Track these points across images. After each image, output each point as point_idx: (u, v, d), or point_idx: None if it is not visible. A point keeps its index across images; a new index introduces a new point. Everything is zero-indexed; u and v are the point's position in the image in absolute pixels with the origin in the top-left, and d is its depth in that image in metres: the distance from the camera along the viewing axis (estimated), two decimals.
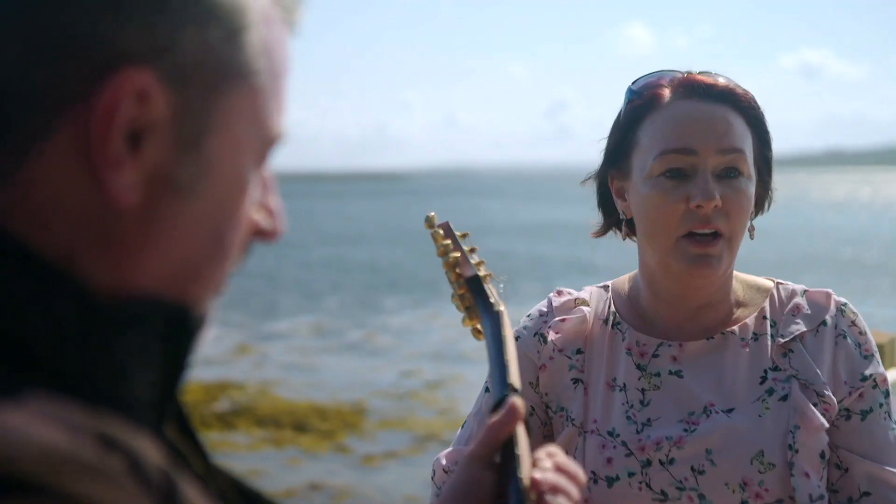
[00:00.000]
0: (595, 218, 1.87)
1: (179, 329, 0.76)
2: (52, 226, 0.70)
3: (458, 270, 1.35)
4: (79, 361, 0.69)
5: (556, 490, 1.04)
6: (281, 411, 9.53)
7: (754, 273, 1.85)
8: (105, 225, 0.71)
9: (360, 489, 7.56)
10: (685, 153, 1.67)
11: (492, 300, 1.30)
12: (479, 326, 1.31)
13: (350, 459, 8.33)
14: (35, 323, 0.68)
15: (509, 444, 1.03)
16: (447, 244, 1.38)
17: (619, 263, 1.74)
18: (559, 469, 1.06)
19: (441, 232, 1.40)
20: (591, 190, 1.86)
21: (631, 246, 1.85)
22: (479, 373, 11.48)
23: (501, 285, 1.35)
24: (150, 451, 0.67)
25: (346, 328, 15.40)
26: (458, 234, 1.42)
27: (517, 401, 1.05)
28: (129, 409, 0.70)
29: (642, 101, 1.73)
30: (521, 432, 1.05)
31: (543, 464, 1.05)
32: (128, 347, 0.72)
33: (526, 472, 1.01)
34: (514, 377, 1.12)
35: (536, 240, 33.25)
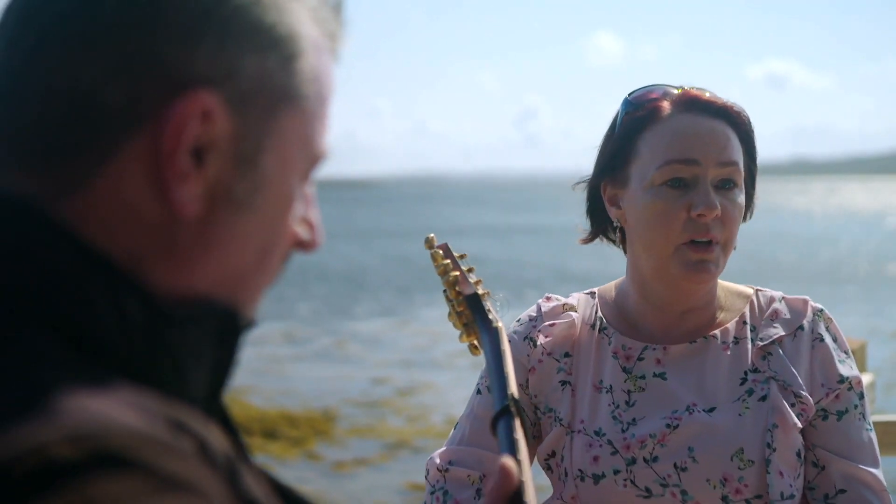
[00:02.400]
0: (565, 224, 1.93)
1: (230, 330, 0.82)
2: (119, 232, 0.76)
3: (457, 289, 1.43)
4: (144, 356, 0.75)
5: None
6: (251, 418, 9.50)
7: (725, 280, 1.91)
8: (169, 233, 0.77)
9: (330, 496, 7.55)
10: (689, 164, 1.75)
11: (490, 317, 1.37)
12: (475, 342, 1.39)
13: (321, 467, 8.32)
14: (106, 320, 0.73)
15: (518, 495, 1.05)
16: (447, 264, 1.45)
17: (596, 270, 1.79)
18: None
19: (440, 252, 1.48)
20: (563, 198, 1.91)
21: (606, 252, 1.92)
22: (449, 380, 11.50)
23: (498, 303, 1.43)
24: (215, 436, 0.73)
25: (317, 335, 15.37)
26: (456, 254, 1.49)
27: (508, 463, 1.04)
28: (185, 402, 0.76)
29: (642, 113, 1.81)
30: (527, 482, 1.05)
31: None
32: (185, 345, 0.78)
33: None
34: (513, 387, 1.21)
35: (508, 245, 33.37)
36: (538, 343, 1.88)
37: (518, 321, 1.95)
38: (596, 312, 1.91)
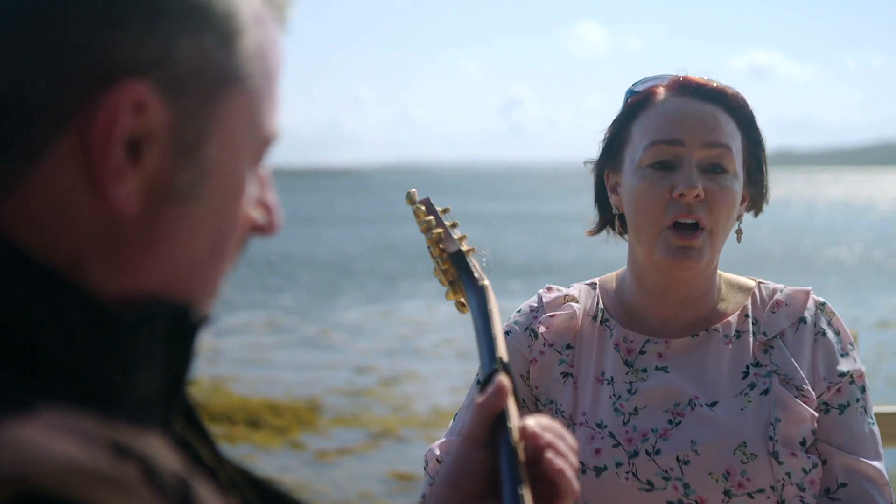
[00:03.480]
0: (550, 213, 1.92)
1: (183, 329, 0.78)
2: (56, 234, 0.71)
3: (441, 246, 1.36)
4: (87, 366, 0.70)
5: (547, 430, 1.07)
6: (234, 407, 9.49)
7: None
8: (108, 232, 0.72)
9: (314, 485, 7.55)
10: (672, 143, 1.74)
11: (476, 274, 1.30)
12: (462, 300, 1.33)
13: (304, 456, 8.31)
14: (43, 330, 0.69)
15: (501, 419, 1.05)
16: (429, 220, 1.38)
17: (583, 261, 1.78)
18: (552, 446, 1.08)
19: (423, 208, 1.41)
20: (547, 187, 1.90)
21: (591, 242, 1.90)
22: (433, 369, 11.51)
23: (484, 259, 1.36)
24: (163, 455, 0.69)
25: (301, 324, 15.35)
26: (439, 209, 1.42)
27: (503, 378, 1.07)
28: (138, 410, 0.72)
29: (638, 98, 1.81)
30: (511, 407, 1.06)
31: (528, 423, 1.07)
32: (134, 349, 0.73)
33: (516, 435, 1.03)
34: (502, 350, 1.14)
35: (492, 234, 33.36)
36: (539, 334, 1.86)
37: (519, 311, 1.92)
38: (597, 304, 1.89)
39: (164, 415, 0.77)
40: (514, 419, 1.05)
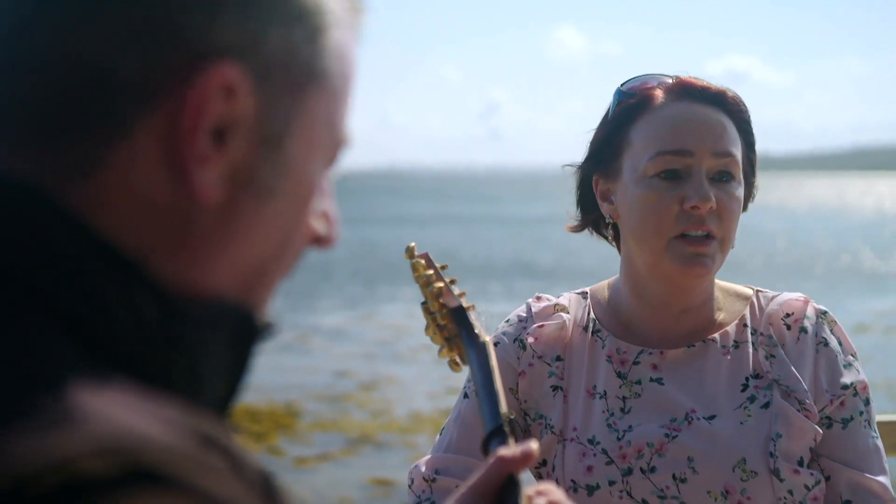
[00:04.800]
0: (530, 217, 1.89)
1: (245, 334, 0.75)
2: (133, 220, 0.69)
3: (441, 301, 1.35)
4: (160, 358, 0.68)
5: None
6: None
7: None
8: (185, 221, 0.70)
9: (293, 491, 7.51)
10: (681, 154, 1.68)
11: (476, 331, 1.30)
12: (457, 358, 1.33)
13: (283, 462, 8.26)
14: (119, 318, 0.67)
15: (512, 480, 1.05)
16: (429, 274, 1.37)
17: (562, 263, 1.75)
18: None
19: (422, 262, 1.39)
20: (527, 191, 1.87)
21: (570, 245, 1.87)
22: (413, 374, 11.48)
23: (483, 317, 1.36)
24: (244, 451, 0.66)
25: (279, 328, 15.27)
26: (437, 265, 1.41)
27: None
28: (203, 410, 0.69)
29: (634, 101, 1.74)
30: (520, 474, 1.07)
31: (537, 501, 1.07)
32: (202, 348, 0.71)
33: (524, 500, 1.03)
34: (505, 406, 1.15)
35: (473, 238, 33.36)
36: (528, 345, 1.79)
37: (507, 322, 1.85)
38: (588, 313, 1.82)
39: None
40: (522, 485, 1.05)
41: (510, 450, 1.06)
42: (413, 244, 1.41)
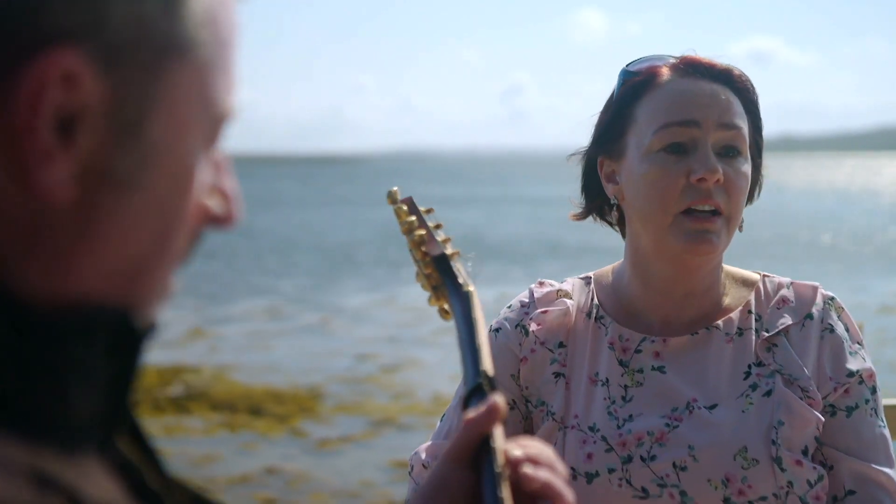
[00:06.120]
0: (556, 197, 1.86)
1: (125, 338, 0.69)
2: None
3: (423, 248, 1.26)
4: (13, 383, 0.62)
5: (533, 462, 0.99)
6: (236, 395, 9.47)
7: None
8: (36, 225, 0.64)
9: (315, 474, 7.53)
10: (687, 125, 1.65)
11: (460, 280, 1.21)
12: (446, 307, 1.23)
13: (306, 444, 8.29)
14: None
15: (486, 441, 0.98)
16: (412, 221, 1.29)
17: (591, 245, 1.71)
18: (531, 459, 1.00)
19: (405, 208, 1.31)
20: (550, 174, 1.83)
21: (596, 226, 1.83)
22: (435, 357, 11.48)
23: (469, 263, 1.27)
24: (95, 484, 0.62)
25: (302, 311, 15.32)
26: (422, 209, 1.33)
27: (499, 399, 0.99)
28: (72, 432, 0.65)
29: (639, 79, 1.71)
30: (498, 429, 0.99)
31: (514, 452, 0.99)
32: (68, 363, 0.65)
33: (501, 460, 0.96)
34: (487, 363, 1.06)
35: (499, 221, 33.32)
36: (530, 331, 1.77)
37: (509, 307, 1.83)
38: (592, 299, 1.80)
39: (105, 436, 0.68)
40: (500, 441, 0.98)
41: (476, 410, 0.98)
42: (396, 188, 1.34)
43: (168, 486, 0.76)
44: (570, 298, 1.80)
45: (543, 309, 1.78)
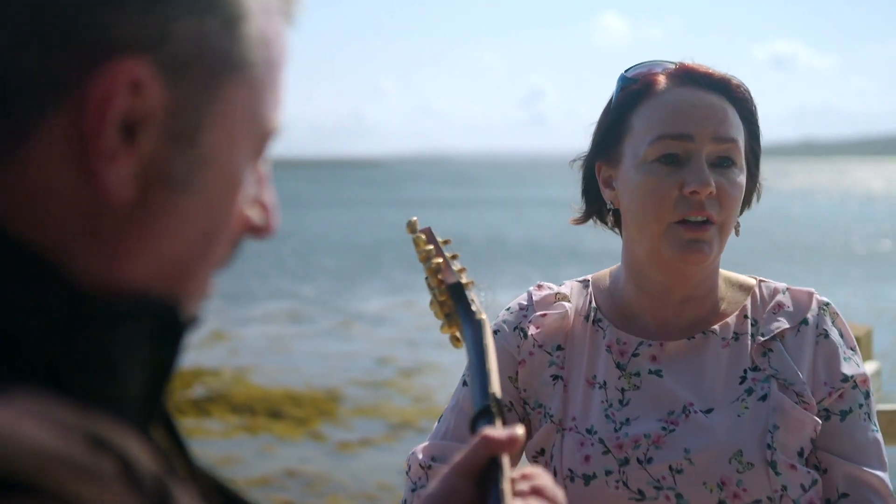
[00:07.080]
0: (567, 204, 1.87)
1: (169, 328, 0.74)
2: (43, 217, 0.68)
3: (440, 276, 1.34)
4: (68, 358, 0.67)
5: (537, 494, 1.03)
6: (255, 398, 9.51)
7: (728, 264, 1.85)
8: (97, 219, 0.69)
9: (334, 476, 7.56)
10: (681, 139, 1.66)
11: (473, 308, 1.28)
12: (457, 334, 1.31)
13: (325, 446, 8.32)
14: (24, 315, 0.66)
15: (496, 462, 1.02)
16: (429, 250, 1.36)
17: (611, 248, 1.72)
18: (537, 492, 1.04)
19: (423, 237, 1.38)
20: (570, 177, 1.85)
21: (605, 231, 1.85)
22: (454, 360, 11.49)
23: (482, 293, 1.34)
24: (142, 454, 0.66)
25: (321, 315, 15.37)
26: (440, 240, 1.40)
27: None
28: (117, 409, 0.69)
29: (637, 87, 1.72)
30: (506, 457, 1.04)
31: (520, 486, 1.03)
32: (118, 345, 0.70)
33: (508, 488, 1.00)
34: (496, 386, 1.13)
35: (522, 227, 33.29)
36: (529, 334, 1.79)
37: (508, 310, 1.85)
38: (590, 302, 1.81)
39: (143, 418, 0.73)
40: (507, 468, 1.02)
41: (496, 431, 1.03)
42: (415, 218, 1.40)
43: (194, 474, 0.81)
44: (569, 301, 1.82)
45: (542, 312, 1.80)
